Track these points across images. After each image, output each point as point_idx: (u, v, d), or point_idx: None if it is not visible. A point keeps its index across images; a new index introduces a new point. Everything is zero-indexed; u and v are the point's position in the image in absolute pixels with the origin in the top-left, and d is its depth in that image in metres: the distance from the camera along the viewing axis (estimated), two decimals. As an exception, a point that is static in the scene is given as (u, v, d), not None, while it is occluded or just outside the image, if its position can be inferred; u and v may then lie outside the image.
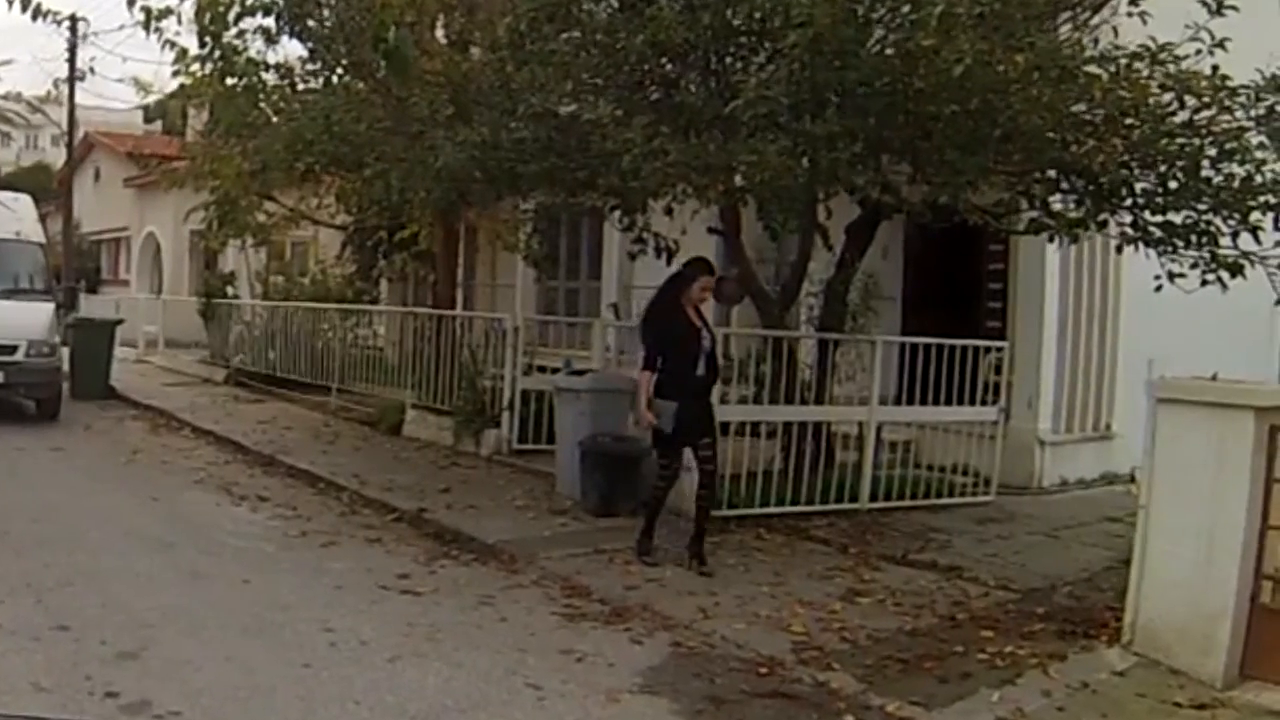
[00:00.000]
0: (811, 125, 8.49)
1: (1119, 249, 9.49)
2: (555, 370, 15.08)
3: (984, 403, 12.59)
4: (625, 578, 9.17)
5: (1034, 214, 9.60)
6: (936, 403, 12.13)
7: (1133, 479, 8.47)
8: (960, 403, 12.31)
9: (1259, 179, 8.43)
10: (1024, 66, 7.80)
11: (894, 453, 12.48)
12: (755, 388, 12.24)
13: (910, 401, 12.27)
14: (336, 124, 12.81)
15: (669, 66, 10.15)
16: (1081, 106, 8.33)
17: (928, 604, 8.73)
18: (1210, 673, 7.12)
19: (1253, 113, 8.58)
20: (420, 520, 10.94)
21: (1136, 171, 8.68)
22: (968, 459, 12.76)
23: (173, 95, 19.59)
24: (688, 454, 9.92)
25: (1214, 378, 7.77)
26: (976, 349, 12.56)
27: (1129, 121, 8.33)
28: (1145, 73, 8.27)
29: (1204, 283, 9.09)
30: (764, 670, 7.26)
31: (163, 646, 7.18)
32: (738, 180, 9.08)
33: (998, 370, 13.01)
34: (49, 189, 41.75)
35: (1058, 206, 9.56)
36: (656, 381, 9.58)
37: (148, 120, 24.90)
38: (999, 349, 12.78)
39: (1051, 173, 9.15)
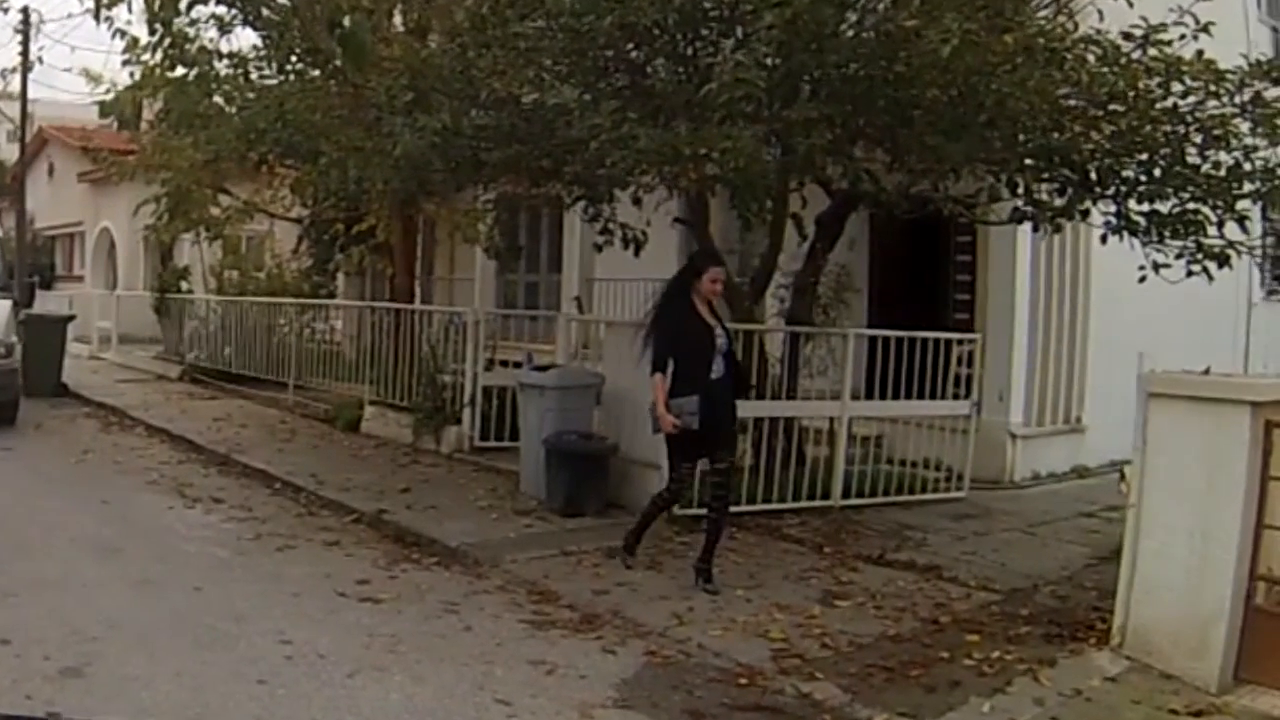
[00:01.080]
0: (788, 111, 8.06)
1: (1103, 239, 9.13)
2: (517, 365, 14.68)
3: (954, 396, 12.26)
4: (594, 581, 8.74)
5: (1017, 203, 9.18)
6: (904, 396, 11.77)
7: (1122, 476, 8.11)
8: (928, 396, 11.97)
9: (1248, 166, 8.06)
10: (1013, 47, 7.40)
11: (862, 448, 12.08)
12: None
13: (877, 395, 11.88)
14: (290, 112, 12.32)
15: (636, 52, 9.70)
16: (1066, 90, 7.93)
17: (909, 607, 8.35)
18: (1204, 677, 6.81)
19: (1237, 99, 8.24)
20: (380, 522, 10.47)
21: (1123, 159, 8.29)
22: (938, 453, 12.43)
23: (128, 89, 18.90)
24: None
25: (1206, 372, 7.46)
26: (948, 342, 12.20)
27: (1116, 107, 7.95)
28: (1135, 55, 7.89)
29: (1189, 273, 8.75)
30: (744, 681, 6.85)
31: (109, 661, 6.71)
32: (709, 169, 8.60)
33: (966, 363, 12.70)
34: (2, 184, 40.89)
35: (1043, 196, 9.15)
36: (670, 387, 8.77)
37: (103, 116, 24.34)
38: (971, 341, 12.41)
39: (1035, 160, 8.72)
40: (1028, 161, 8.74)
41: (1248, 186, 8.22)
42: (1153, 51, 7.96)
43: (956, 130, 8.16)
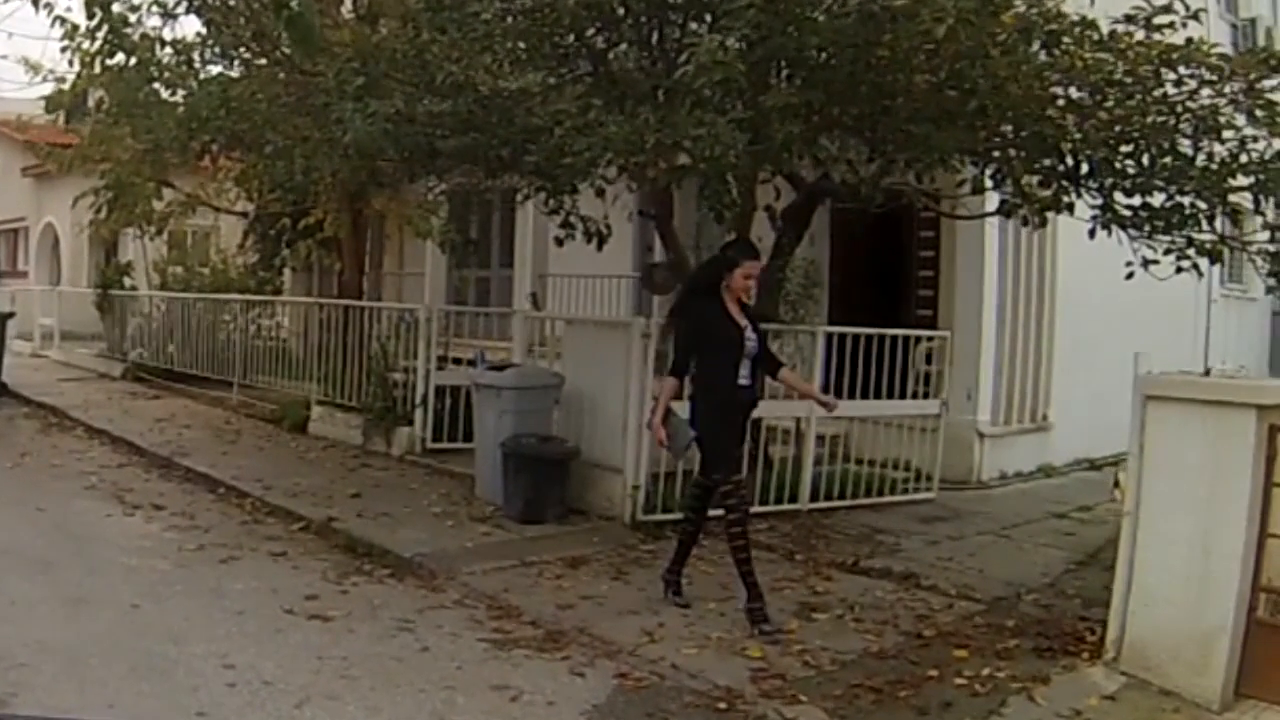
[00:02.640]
0: (764, 97, 7.50)
1: (1091, 233, 8.61)
2: (470, 363, 14.07)
3: (916, 395, 11.81)
4: (558, 595, 8.16)
5: (1003, 195, 8.66)
6: (867, 394, 11.27)
7: (1116, 483, 7.67)
8: (892, 395, 11.52)
9: (1244, 157, 7.59)
10: (1010, 27, 6.86)
11: (824, 447, 11.56)
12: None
13: (844, 394, 11.36)
14: (235, 100, 11.64)
15: (599, 37, 9.13)
16: (1059, 75, 7.42)
17: (890, 619, 7.85)
18: (1206, 693, 6.39)
19: (1228, 89, 7.78)
20: (329, 530, 9.82)
21: (1116, 149, 7.79)
22: (904, 453, 11.99)
23: (72, 79, 18.11)
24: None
25: (1207, 373, 7.00)
26: (912, 339, 11.74)
27: (1112, 94, 7.45)
28: (1138, 38, 7.39)
29: (1178, 270, 8.28)
30: (723, 705, 6.31)
31: (36, 692, 6.05)
32: (679, 159, 7.99)
33: (929, 360, 12.25)
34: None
35: (1032, 187, 8.62)
36: (691, 393, 7.94)
37: (49, 112, 23.47)
38: (942, 338, 11.95)
39: (1028, 150, 8.20)
40: (1020, 151, 8.21)
41: (1242, 179, 7.73)
42: (1155, 36, 7.46)
43: (944, 118, 7.63)
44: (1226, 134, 7.73)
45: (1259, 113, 7.71)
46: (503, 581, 8.41)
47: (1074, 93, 7.79)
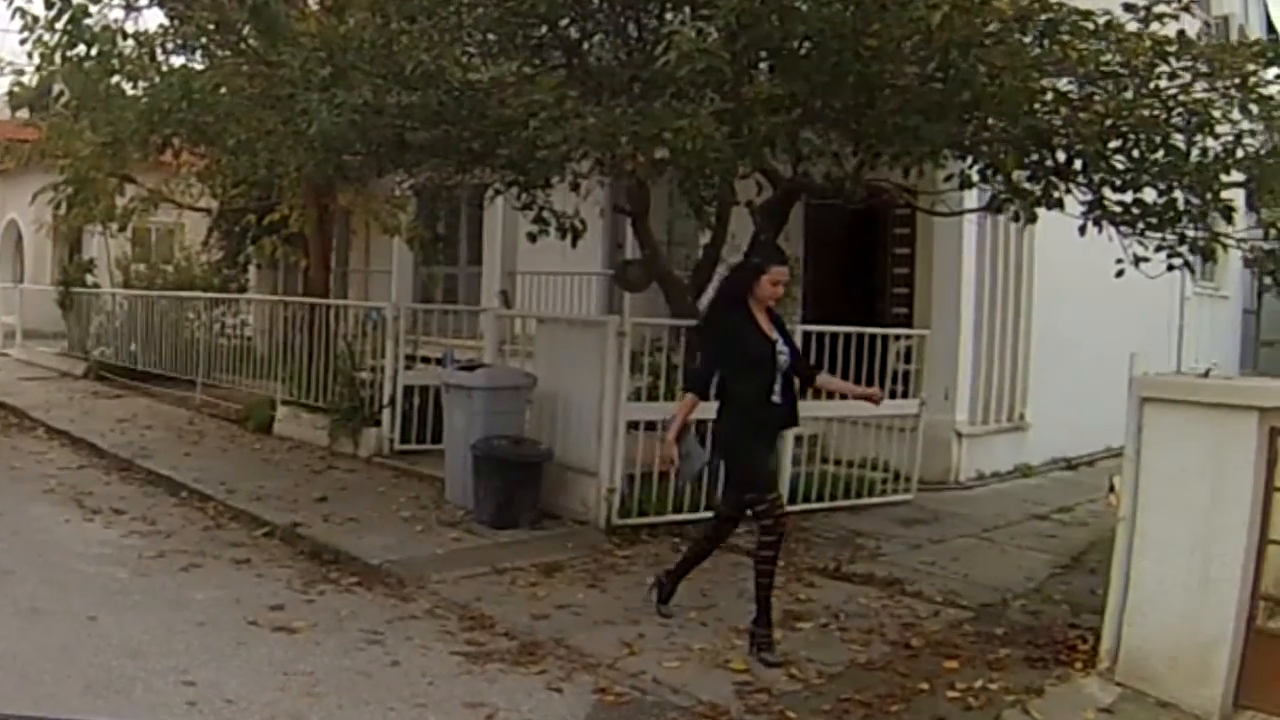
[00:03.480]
0: (747, 88, 7.17)
1: (1081, 230, 8.30)
2: (438, 362, 13.71)
3: (899, 394, 11.53)
4: (532, 604, 7.82)
5: (997, 189, 8.34)
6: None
7: (1111, 489, 7.38)
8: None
9: (1240, 152, 7.31)
10: (1008, 14, 6.55)
11: (801, 448, 11.25)
12: (650, 378, 10.92)
13: (816, 394, 11.05)
14: (197, 92, 11.23)
15: (573, 27, 8.78)
16: (1052, 66, 7.11)
17: (876, 628, 7.54)
18: (1205, 705, 6.12)
19: (1220, 84, 7.51)
20: (294, 536, 9.43)
21: (1110, 143, 7.49)
22: (881, 453, 11.70)
23: (33, 75, 17.60)
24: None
25: (1206, 374, 6.72)
26: (888, 337, 11.46)
27: (1109, 86, 7.15)
28: (1131, 29, 7.09)
29: (1170, 267, 8.00)
30: (708, 722, 5.98)
31: (-16, 710, 5.66)
32: (658, 151, 7.61)
33: (906, 359, 11.97)
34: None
35: (1023, 183, 8.29)
36: (718, 411, 7.28)
37: (14, 110, 22.86)
38: (920, 337, 11.66)
39: (1022, 143, 7.88)
40: (1012, 145, 7.88)
41: (1237, 175, 7.45)
42: (1151, 26, 7.16)
43: (934, 110, 7.31)
44: (1221, 129, 7.44)
45: (1253, 107, 7.44)
46: (475, 590, 8.06)
47: (1065, 84, 7.50)
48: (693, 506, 9.91)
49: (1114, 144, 7.55)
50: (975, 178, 8.50)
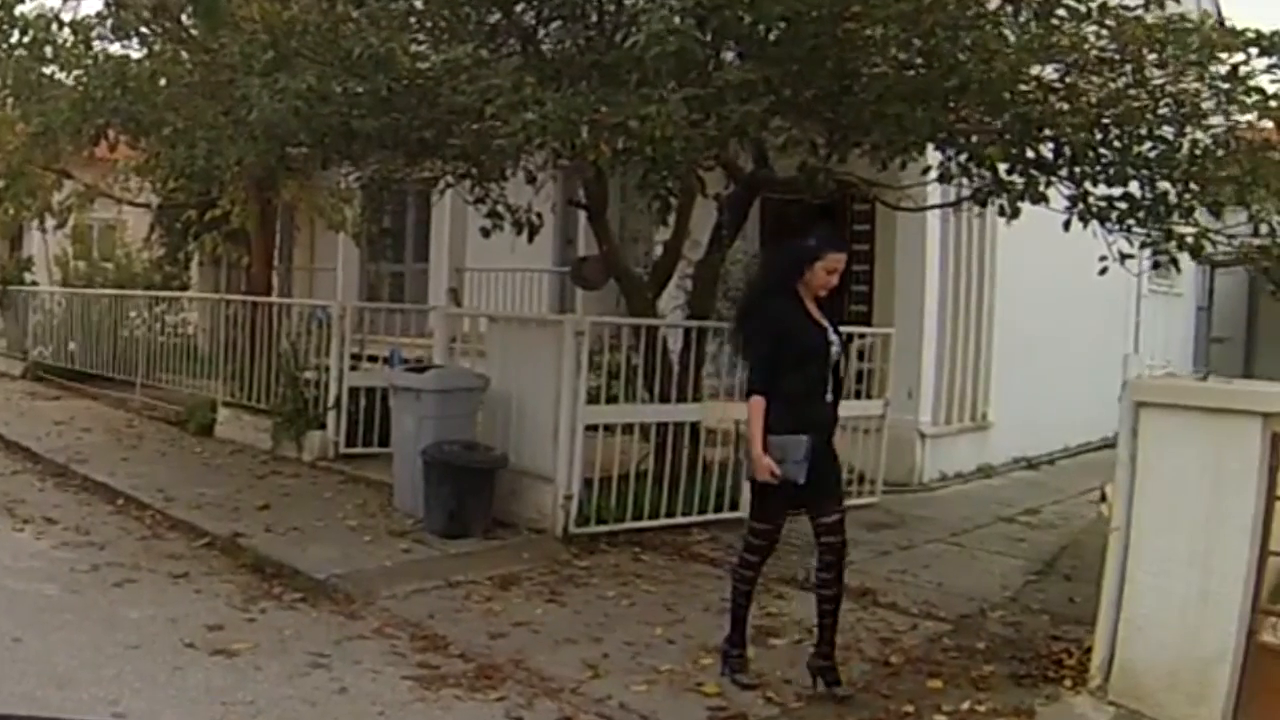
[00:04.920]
0: (719, 74, 6.65)
1: (1066, 225, 7.84)
2: (385, 360, 13.14)
3: (861, 394, 11.07)
4: (488, 620, 7.28)
5: (981, 182, 7.85)
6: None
7: (1103, 497, 6.97)
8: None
9: (1232, 144, 6.89)
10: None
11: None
12: (608, 378, 10.42)
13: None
14: (133, 79, 10.59)
15: (530, 13, 8.24)
16: (1045, 51, 6.64)
17: (853, 644, 7.06)
18: (1204, 724, 5.65)
19: (1209, 73, 7.09)
20: (235, 547, 8.81)
21: (1100, 133, 7.04)
22: (843, 455, 11.15)
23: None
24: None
25: (1205, 378, 6.30)
26: (859, 335, 10.98)
27: (1104, 73, 6.70)
28: (1135, 13, 6.64)
29: (1155, 264, 7.58)
30: (682, 754, 5.49)
31: (-111, 751, 5.08)
32: (621, 141, 7.06)
33: (867, 358, 11.51)
34: None
35: (1011, 176, 7.79)
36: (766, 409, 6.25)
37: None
38: (884, 336, 11.21)
39: (1011, 133, 7.38)
40: (1000, 134, 7.39)
41: (1226, 171, 7.03)
42: (1141, 11, 6.72)
43: (919, 97, 6.82)
44: (1214, 119, 7.02)
45: (1244, 98, 7.01)
46: (427, 606, 7.51)
47: (1051, 71, 7.05)
48: (653, 512, 9.44)
49: (1102, 135, 7.09)
50: (955, 170, 8.00)
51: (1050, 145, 7.29)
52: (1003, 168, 7.56)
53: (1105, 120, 7.07)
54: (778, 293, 6.41)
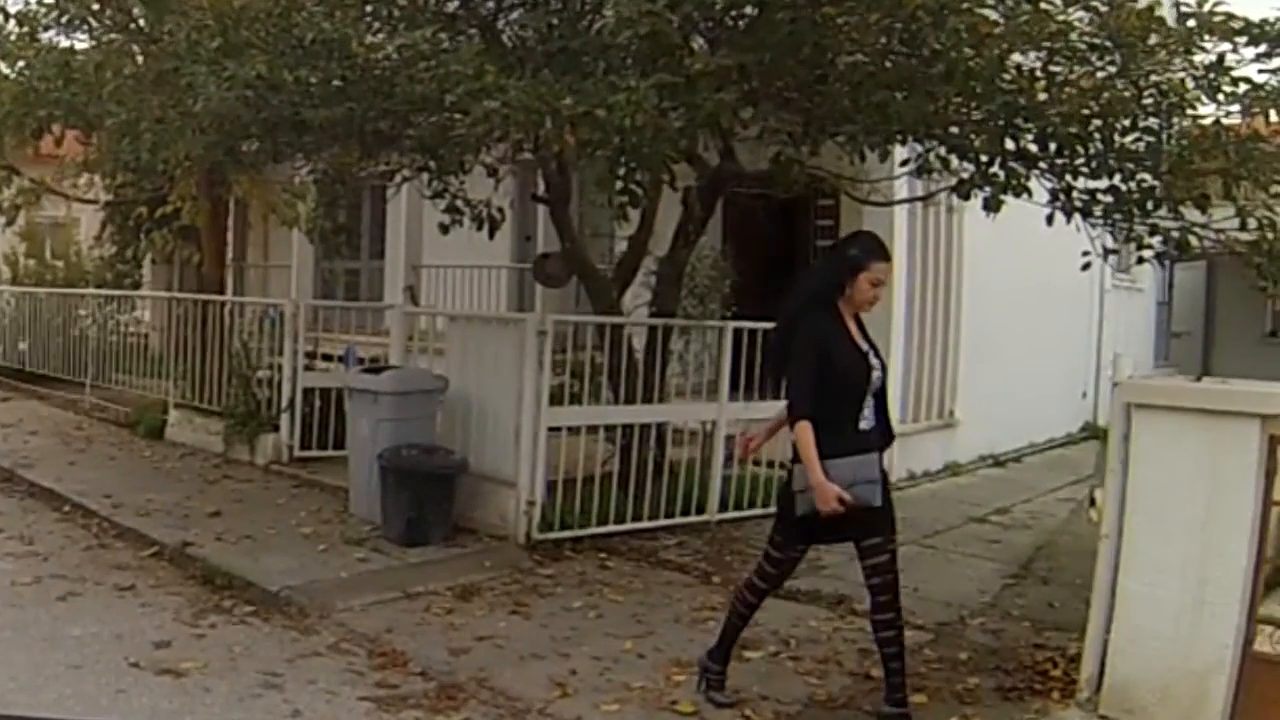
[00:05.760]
0: (691, 60, 6.27)
1: (1049, 219, 7.50)
2: (340, 359, 12.70)
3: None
4: (449, 635, 6.88)
5: (964, 174, 7.48)
6: (764, 393, 10.16)
7: (1092, 502, 6.67)
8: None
9: (1223, 136, 6.59)
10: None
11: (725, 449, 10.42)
12: (570, 377, 10.04)
13: (748, 394, 10.26)
14: (77, 71, 10.10)
15: (490, 1, 7.84)
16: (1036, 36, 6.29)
17: (831, 656, 6.74)
18: (1199, 738, 5.38)
19: (1194, 62, 6.79)
20: (184, 557, 8.35)
21: (1086, 124, 6.71)
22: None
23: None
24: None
25: (1199, 379, 5.99)
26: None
27: (1094, 59, 6.37)
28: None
29: (1139, 260, 7.27)
30: (656, 779, 5.12)
31: None
32: (584, 132, 6.65)
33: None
34: None
35: (995, 168, 7.42)
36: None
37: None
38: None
39: (999, 123, 7.01)
40: (987, 124, 7.02)
41: (1215, 161, 6.72)
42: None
43: (903, 85, 6.45)
44: (1204, 109, 6.73)
45: (1228, 89, 6.70)
46: (385, 619, 7.11)
47: (1034, 59, 6.71)
48: (619, 517, 9.08)
49: (1088, 126, 6.76)
50: (935, 163, 7.65)
51: (1035, 136, 6.94)
52: (984, 159, 7.22)
53: (1091, 110, 6.74)
54: (818, 308, 5.78)
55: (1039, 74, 6.75)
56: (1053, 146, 6.90)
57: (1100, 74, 6.52)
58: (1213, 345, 21.34)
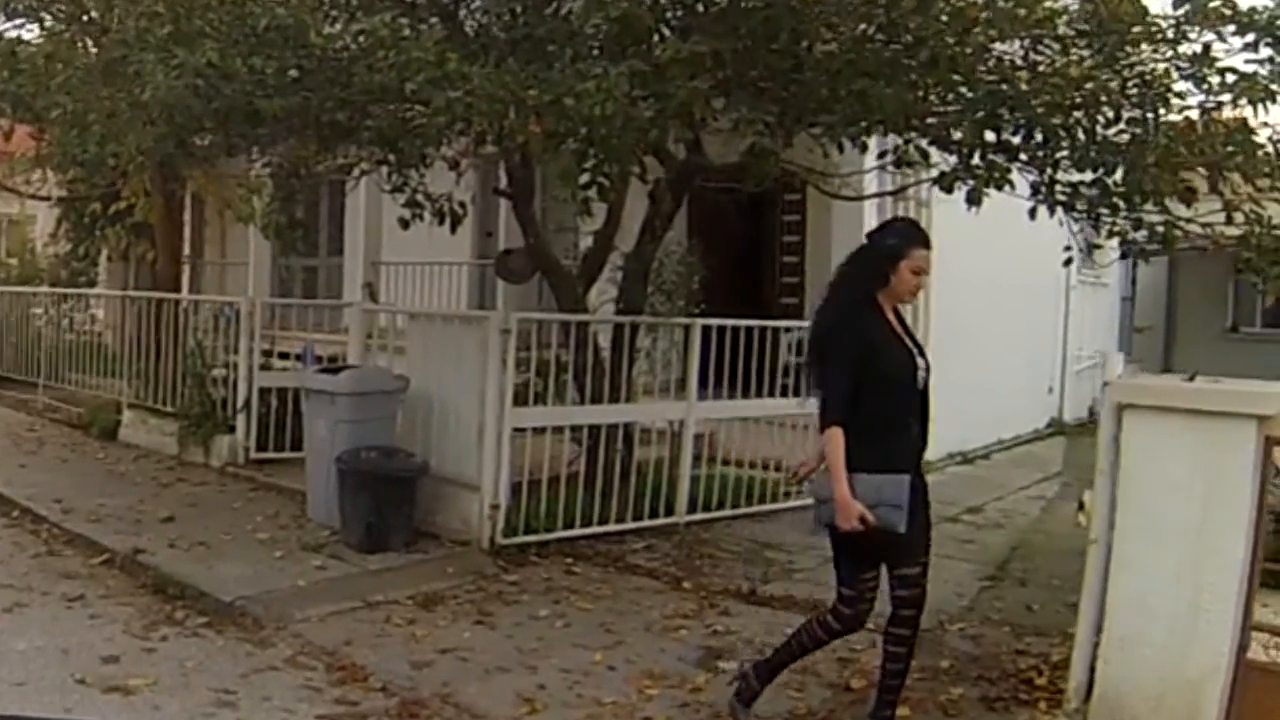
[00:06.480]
0: (662, 46, 5.95)
1: (1031, 213, 7.22)
2: (297, 357, 12.31)
3: (791, 389, 10.48)
4: (411, 647, 6.53)
5: (947, 167, 7.16)
6: (734, 389, 9.93)
7: (1080, 506, 6.39)
8: (760, 388, 10.17)
9: (1215, 128, 6.33)
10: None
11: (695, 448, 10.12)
12: (535, 376, 9.70)
13: (716, 393, 9.97)
14: (24, 62, 9.70)
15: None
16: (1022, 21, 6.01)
17: (809, 665, 6.37)
18: (1193, 750, 5.12)
19: (1181, 49, 6.54)
20: (135, 565, 7.96)
21: (1070, 114, 6.43)
22: (776, 452, 10.60)
23: None
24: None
25: (1192, 378, 5.72)
26: (777, 330, 10.41)
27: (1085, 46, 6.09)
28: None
29: (1124, 255, 7.01)
30: (632, 803, 4.81)
31: None
32: (550, 122, 6.31)
33: (796, 351, 10.90)
34: None
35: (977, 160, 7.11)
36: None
37: None
38: (803, 328, 10.63)
39: (985, 112, 6.70)
40: (972, 113, 6.71)
41: (1199, 154, 6.46)
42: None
43: (885, 72, 6.14)
44: (1191, 100, 6.47)
45: (1213, 79, 6.44)
46: (344, 630, 6.76)
47: (1017, 47, 6.44)
48: (585, 520, 8.77)
49: (1073, 116, 6.48)
50: (915, 155, 7.36)
51: (1019, 127, 6.65)
52: (966, 151, 6.92)
53: (1073, 101, 6.47)
54: (858, 302, 5.33)
55: (1020, 61, 6.47)
56: (1037, 137, 6.61)
57: (1087, 63, 6.23)
58: (1174, 340, 21.25)
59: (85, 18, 10.96)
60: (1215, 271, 20.17)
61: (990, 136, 6.83)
